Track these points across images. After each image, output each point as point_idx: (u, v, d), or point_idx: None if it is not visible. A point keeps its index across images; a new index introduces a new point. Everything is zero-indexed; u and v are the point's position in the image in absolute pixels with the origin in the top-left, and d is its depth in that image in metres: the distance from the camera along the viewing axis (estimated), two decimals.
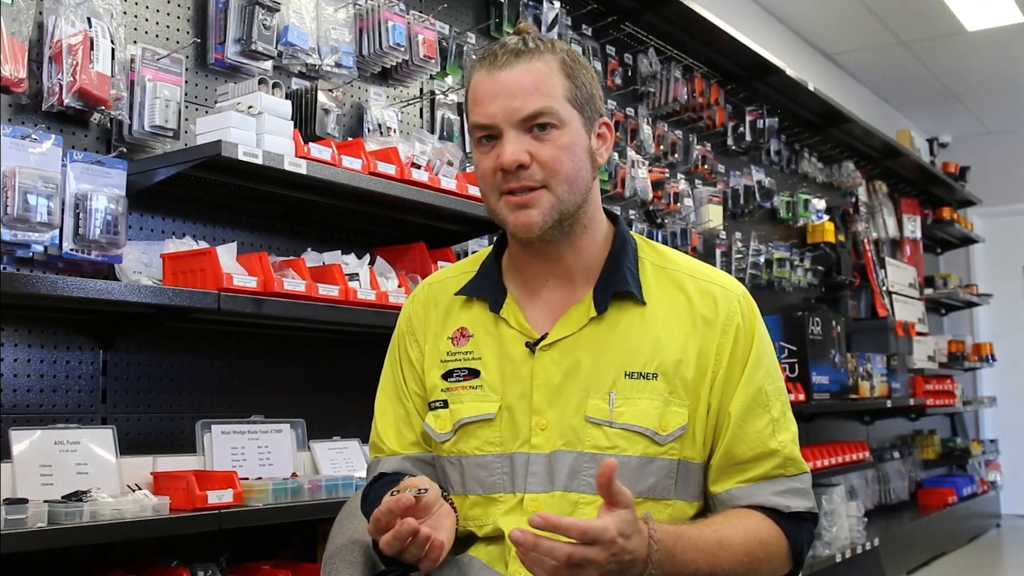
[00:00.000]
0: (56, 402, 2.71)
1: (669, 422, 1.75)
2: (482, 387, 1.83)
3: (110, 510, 2.36)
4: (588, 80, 1.81)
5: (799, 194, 6.89)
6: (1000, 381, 9.96)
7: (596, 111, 1.82)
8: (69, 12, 2.68)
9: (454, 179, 3.35)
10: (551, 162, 1.74)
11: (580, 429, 1.75)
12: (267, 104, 2.87)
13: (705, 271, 1.88)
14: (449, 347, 1.88)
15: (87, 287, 2.42)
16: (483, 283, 1.90)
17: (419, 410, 1.92)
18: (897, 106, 9.54)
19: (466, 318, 1.90)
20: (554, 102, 1.74)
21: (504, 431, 1.80)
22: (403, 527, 1.58)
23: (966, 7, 7.29)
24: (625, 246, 1.87)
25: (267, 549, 3.04)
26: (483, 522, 1.81)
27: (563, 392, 1.78)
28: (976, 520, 8.65)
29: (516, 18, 4.29)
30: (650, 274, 1.85)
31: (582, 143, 1.78)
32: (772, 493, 1.78)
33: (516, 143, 1.73)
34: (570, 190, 1.76)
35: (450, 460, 1.85)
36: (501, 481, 1.80)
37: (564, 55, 1.79)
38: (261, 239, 3.27)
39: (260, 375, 3.24)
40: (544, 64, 1.76)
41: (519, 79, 1.74)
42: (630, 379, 1.76)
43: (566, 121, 1.76)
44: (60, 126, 2.72)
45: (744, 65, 5.98)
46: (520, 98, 1.73)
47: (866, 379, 6.60)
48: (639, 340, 1.79)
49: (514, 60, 1.75)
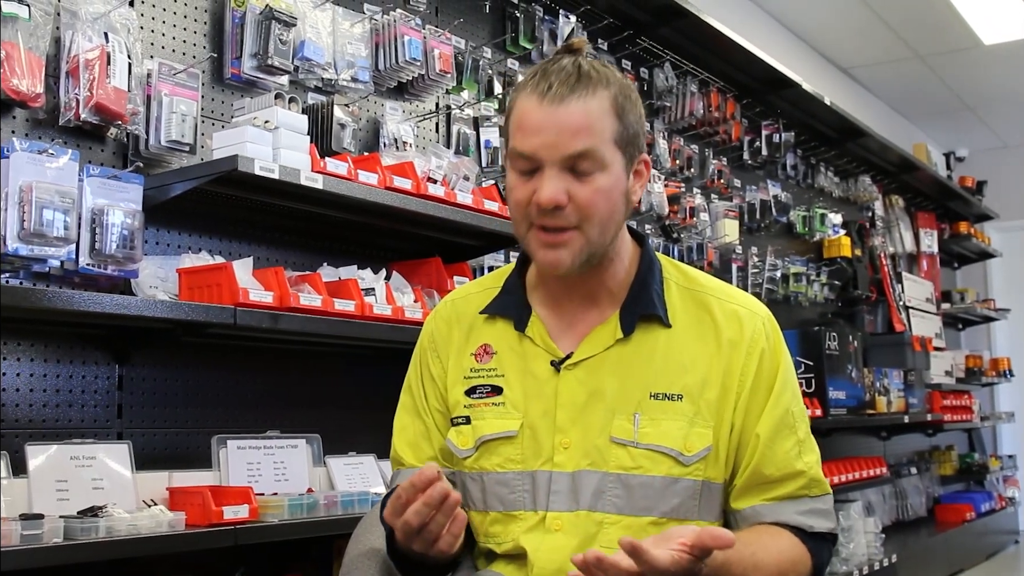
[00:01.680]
0: (72, 417, 2.71)
1: (694, 443, 1.74)
2: (504, 404, 1.82)
3: (126, 526, 2.36)
4: (636, 119, 1.76)
5: (815, 208, 6.87)
6: (1018, 396, 9.91)
7: (638, 148, 1.78)
8: (86, 27, 2.68)
9: (470, 194, 3.35)
10: (588, 206, 1.69)
11: (605, 449, 1.75)
12: (283, 119, 2.87)
13: (730, 292, 1.87)
14: (473, 363, 1.88)
15: (103, 302, 2.42)
16: (508, 301, 1.89)
17: (439, 426, 1.91)
18: (914, 120, 9.51)
19: (490, 335, 1.89)
20: (601, 145, 1.69)
21: (526, 449, 1.79)
22: (434, 491, 1.57)
23: (983, 21, 7.27)
24: (652, 268, 1.85)
25: (283, 565, 3.03)
26: (503, 539, 1.80)
27: (587, 411, 1.77)
28: (994, 536, 8.59)
29: (532, 32, 4.29)
30: (675, 296, 1.84)
31: (620, 186, 1.74)
32: (797, 512, 1.77)
33: (556, 181, 1.68)
34: (602, 232, 1.73)
35: (472, 476, 1.84)
36: (522, 499, 1.79)
37: (617, 90, 1.73)
38: (277, 254, 3.27)
39: (276, 390, 3.23)
40: (597, 103, 1.70)
41: (570, 117, 1.67)
42: (655, 400, 1.75)
43: (609, 164, 1.71)
44: (77, 141, 2.72)
45: (760, 79, 5.97)
46: (567, 135, 1.67)
47: (883, 394, 6.56)
48: (664, 362, 1.78)
49: (567, 94, 1.68)
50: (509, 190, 1.77)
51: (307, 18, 3.24)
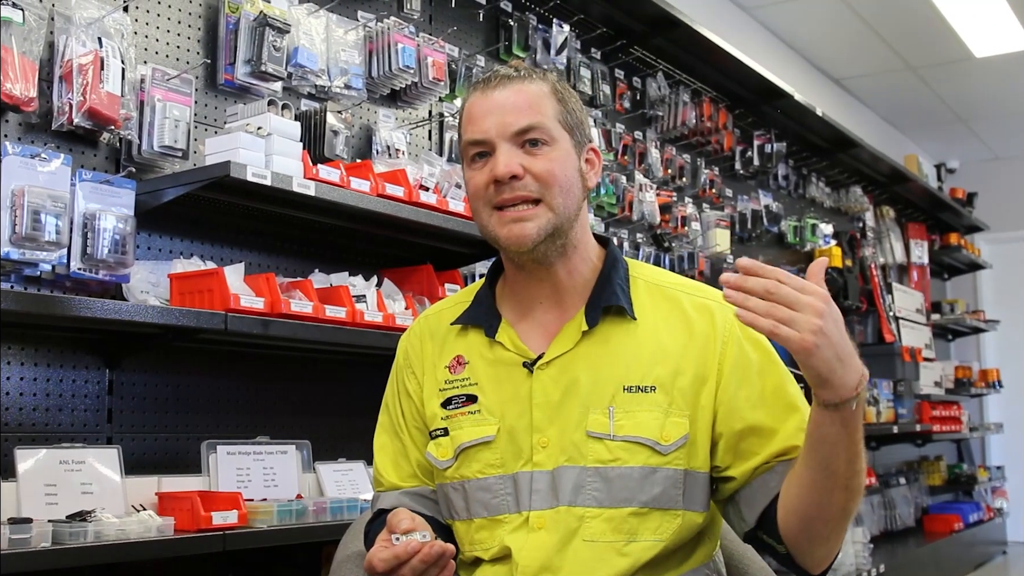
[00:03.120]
0: (62, 421, 2.71)
1: (671, 432, 1.76)
2: (480, 411, 1.85)
3: (114, 530, 2.36)
4: (577, 107, 1.88)
5: (807, 219, 6.88)
6: (1007, 407, 9.92)
7: (585, 136, 1.88)
8: (80, 32, 2.68)
9: (462, 202, 3.35)
10: (545, 174, 1.78)
11: (582, 444, 1.76)
12: (276, 125, 2.87)
13: (700, 288, 1.90)
14: (447, 375, 1.90)
15: (94, 306, 2.42)
16: (477, 311, 1.92)
17: (416, 443, 1.94)
18: (905, 131, 9.54)
19: (462, 346, 1.92)
20: (545, 119, 1.81)
21: (505, 452, 1.81)
22: (431, 550, 1.62)
23: (974, 33, 7.29)
24: (616, 265, 1.89)
25: (271, 571, 3.03)
26: (489, 544, 1.82)
27: (563, 409, 1.79)
28: (982, 547, 8.61)
29: (525, 41, 4.30)
30: (643, 291, 1.87)
31: (572, 162, 1.83)
32: None
33: (509, 155, 1.78)
34: (565, 203, 1.80)
35: (453, 486, 1.86)
36: (505, 502, 1.80)
37: (554, 82, 1.86)
38: (269, 260, 3.27)
39: (266, 396, 3.24)
40: (536, 86, 1.83)
41: (512, 98, 1.80)
42: (628, 393, 1.78)
43: (557, 139, 1.81)
44: (69, 145, 2.72)
45: (752, 89, 5.98)
46: (512, 114, 1.79)
47: (872, 404, 6.58)
48: (635, 355, 1.80)
49: (507, 82, 1.82)
50: (467, 184, 1.85)
51: (301, 25, 3.25)
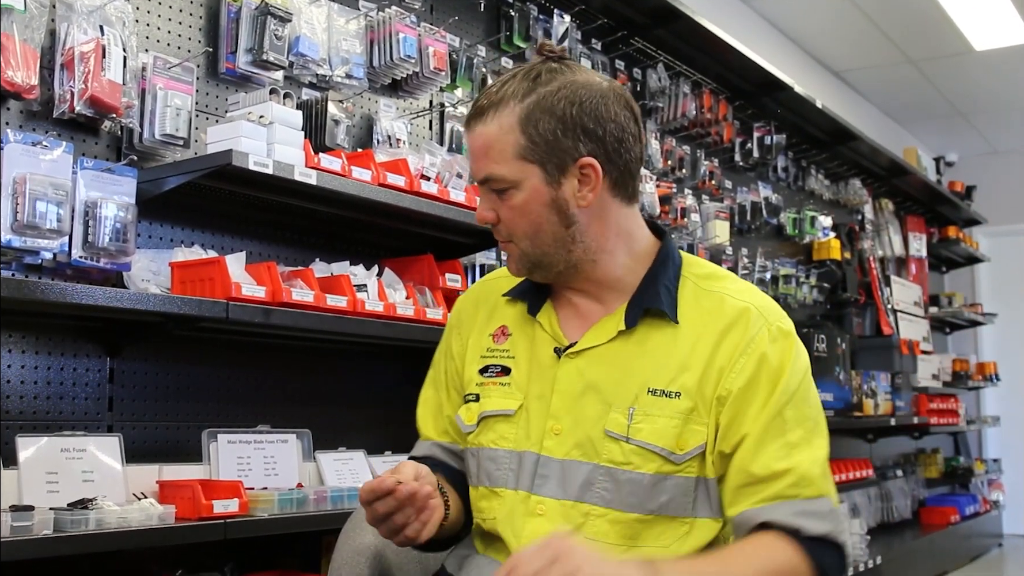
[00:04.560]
0: (63, 409, 2.71)
1: (687, 440, 1.73)
2: (510, 384, 1.86)
3: (116, 518, 2.36)
4: (550, 128, 1.72)
5: (806, 211, 6.88)
6: (1004, 401, 9.94)
7: (568, 155, 1.74)
8: (81, 20, 2.68)
9: (463, 191, 3.35)
10: (508, 223, 1.80)
11: (598, 441, 1.75)
12: (278, 114, 2.87)
13: (746, 292, 1.83)
14: (490, 344, 1.92)
15: (96, 295, 2.42)
16: (529, 286, 1.92)
17: (452, 402, 1.98)
18: (904, 124, 9.54)
19: (509, 317, 1.93)
20: (500, 167, 1.74)
21: (519, 429, 1.82)
22: (404, 488, 1.66)
23: (974, 26, 7.29)
24: (667, 263, 1.84)
25: (272, 559, 3.04)
26: (487, 515, 1.84)
27: (582, 401, 1.78)
28: (978, 539, 8.62)
29: (526, 31, 4.29)
30: (690, 293, 1.82)
31: (541, 198, 1.75)
32: (787, 513, 1.69)
33: (484, 201, 1.81)
34: (532, 244, 1.79)
35: (472, 452, 1.89)
36: (505, 476, 1.81)
37: (534, 101, 1.73)
38: (270, 249, 3.27)
39: (267, 385, 3.24)
40: (497, 125, 1.74)
41: (475, 143, 1.78)
42: (652, 396, 1.75)
43: (519, 180, 1.74)
44: (71, 133, 2.72)
45: (753, 81, 5.98)
46: (476, 162, 1.79)
47: (870, 397, 6.59)
48: (666, 359, 1.77)
49: (475, 122, 1.78)
50: None
51: (302, 14, 3.24)
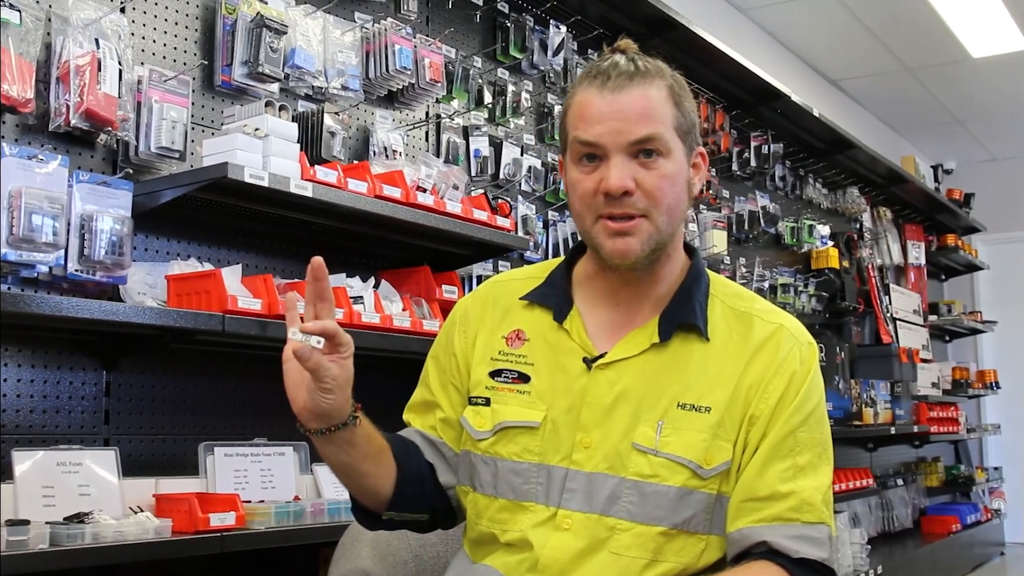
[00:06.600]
0: (59, 423, 2.71)
1: (714, 456, 1.71)
2: (530, 393, 1.81)
3: (112, 532, 2.36)
4: (691, 109, 1.78)
5: (804, 220, 6.88)
6: (1004, 408, 9.93)
7: (695, 140, 1.79)
8: (77, 33, 2.68)
9: (459, 203, 3.35)
10: (655, 191, 1.71)
11: (625, 455, 1.73)
12: (273, 126, 2.87)
13: (776, 313, 1.84)
14: (502, 346, 1.86)
15: (91, 308, 2.42)
16: (549, 291, 1.88)
17: (451, 400, 1.91)
18: (902, 132, 9.54)
19: (526, 321, 1.87)
20: (664, 129, 1.71)
21: (546, 442, 1.77)
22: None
23: (971, 34, 7.30)
24: (699, 280, 1.84)
25: (269, 573, 3.03)
26: (509, 528, 1.78)
27: (612, 414, 1.75)
28: (980, 548, 8.60)
29: (522, 42, 4.30)
30: (718, 311, 1.82)
31: (683, 173, 1.75)
32: (783, 535, 1.69)
33: (622, 168, 1.69)
34: (669, 220, 1.73)
35: (484, 460, 1.82)
36: (535, 491, 1.77)
37: (672, 80, 1.76)
38: (266, 261, 3.27)
39: (263, 398, 3.23)
40: (656, 90, 1.72)
41: (632, 103, 1.70)
42: (682, 410, 1.73)
43: (672, 150, 1.72)
44: (67, 147, 2.72)
45: (749, 91, 5.98)
46: (631, 122, 1.69)
47: (870, 406, 6.58)
48: (697, 374, 1.75)
49: (627, 83, 1.71)
50: (573, 185, 1.77)
51: (298, 26, 3.25)
